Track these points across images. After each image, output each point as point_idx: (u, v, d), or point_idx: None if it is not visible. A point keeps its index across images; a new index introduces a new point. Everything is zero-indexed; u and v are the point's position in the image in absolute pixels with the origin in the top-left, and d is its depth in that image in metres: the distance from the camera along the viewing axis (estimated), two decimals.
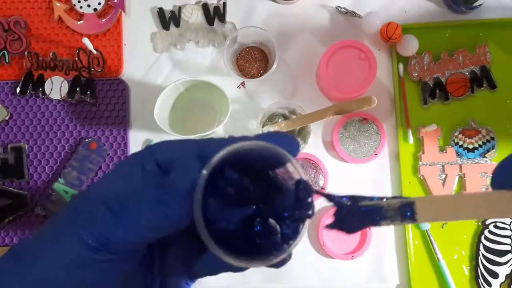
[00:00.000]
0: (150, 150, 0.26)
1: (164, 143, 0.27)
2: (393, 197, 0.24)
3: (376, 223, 0.24)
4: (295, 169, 0.25)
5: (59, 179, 0.67)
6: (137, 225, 0.24)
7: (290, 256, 0.26)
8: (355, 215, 0.24)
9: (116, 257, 0.25)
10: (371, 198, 0.24)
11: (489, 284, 0.64)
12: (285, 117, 0.67)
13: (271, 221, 0.25)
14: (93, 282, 0.25)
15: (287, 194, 0.26)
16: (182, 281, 0.30)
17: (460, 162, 0.67)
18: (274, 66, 0.64)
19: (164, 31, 0.71)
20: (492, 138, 0.67)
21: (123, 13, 0.71)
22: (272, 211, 0.26)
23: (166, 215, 0.24)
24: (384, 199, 0.24)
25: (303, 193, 0.25)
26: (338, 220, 0.25)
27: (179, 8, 0.70)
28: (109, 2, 0.71)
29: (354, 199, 0.25)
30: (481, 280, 0.64)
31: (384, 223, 0.24)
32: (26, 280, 0.25)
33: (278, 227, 0.25)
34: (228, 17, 0.71)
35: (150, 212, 0.24)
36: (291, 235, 0.25)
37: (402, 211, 0.23)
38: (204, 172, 0.23)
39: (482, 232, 0.65)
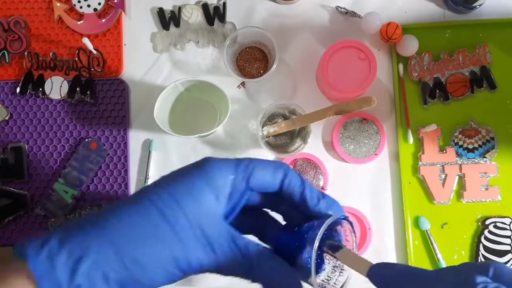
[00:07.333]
0: None
1: None
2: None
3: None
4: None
5: (59, 179, 0.67)
6: None
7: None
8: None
9: None
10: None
11: None
12: (285, 117, 0.67)
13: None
14: None
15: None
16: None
17: (460, 162, 0.67)
18: (274, 66, 0.64)
19: (164, 31, 0.71)
20: (492, 138, 0.67)
21: (123, 13, 0.71)
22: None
23: None
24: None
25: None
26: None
27: (179, 8, 0.70)
28: (109, 2, 0.71)
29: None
30: None
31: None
32: None
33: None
34: (228, 17, 0.71)
35: None
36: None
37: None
38: (315, 247, 0.29)
39: (482, 232, 0.65)
